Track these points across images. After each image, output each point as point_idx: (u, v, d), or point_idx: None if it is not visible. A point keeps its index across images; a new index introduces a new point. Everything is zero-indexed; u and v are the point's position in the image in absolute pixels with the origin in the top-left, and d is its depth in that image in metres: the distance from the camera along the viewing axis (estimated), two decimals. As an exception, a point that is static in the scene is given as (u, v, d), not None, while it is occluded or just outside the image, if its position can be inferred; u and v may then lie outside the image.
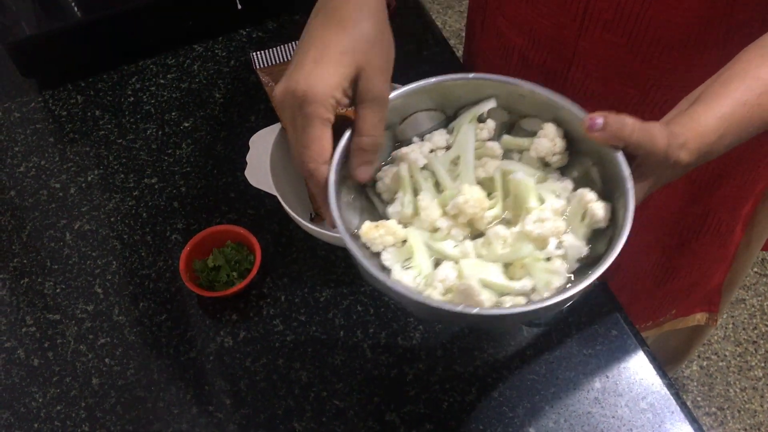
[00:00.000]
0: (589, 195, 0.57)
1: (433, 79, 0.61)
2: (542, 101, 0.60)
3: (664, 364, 1.46)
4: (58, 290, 0.92)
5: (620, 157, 0.55)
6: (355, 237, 0.58)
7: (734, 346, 1.78)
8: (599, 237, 0.58)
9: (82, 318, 0.89)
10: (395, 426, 0.80)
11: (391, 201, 0.61)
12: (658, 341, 1.35)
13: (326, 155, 0.57)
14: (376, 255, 0.58)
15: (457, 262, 0.57)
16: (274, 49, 0.90)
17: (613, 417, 0.79)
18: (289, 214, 0.86)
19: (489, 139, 0.63)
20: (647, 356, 0.83)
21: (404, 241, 0.58)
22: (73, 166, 1.03)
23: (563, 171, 0.61)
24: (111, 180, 1.01)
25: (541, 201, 0.58)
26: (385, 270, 0.57)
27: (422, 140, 0.64)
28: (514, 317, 0.59)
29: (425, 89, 0.61)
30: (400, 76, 0.98)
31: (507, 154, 0.63)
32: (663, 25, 0.73)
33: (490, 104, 0.62)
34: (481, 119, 0.63)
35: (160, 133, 1.05)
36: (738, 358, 1.76)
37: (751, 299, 1.85)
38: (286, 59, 0.90)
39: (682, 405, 0.80)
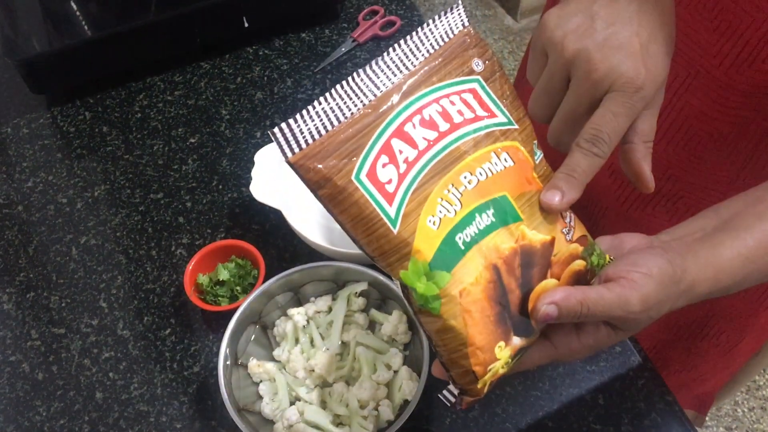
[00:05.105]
0: (404, 372, 0.77)
1: (312, 264, 0.82)
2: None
3: None
4: (63, 304, 0.92)
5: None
6: (241, 412, 0.76)
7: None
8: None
9: (87, 332, 0.89)
10: (398, 442, 0.79)
11: (278, 345, 0.83)
12: None
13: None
14: (257, 384, 0.80)
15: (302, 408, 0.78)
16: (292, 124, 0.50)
17: (618, 434, 0.79)
18: (293, 228, 0.86)
19: (360, 311, 0.83)
20: (652, 373, 0.82)
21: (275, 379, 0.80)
22: (80, 181, 1.04)
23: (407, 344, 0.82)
24: (117, 195, 1.02)
25: (375, 370, 0.78)
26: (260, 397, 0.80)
27: (314, 301, 0.83)
28: None
29: (319, 268, 0.82)
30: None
31: (372, 324, 0.84)
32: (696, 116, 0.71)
33: (363, 286, 0.82)
34: (363, 294, 0.83)
35: (166, 149, 1.06)
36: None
37: (758, 318, 1.84)
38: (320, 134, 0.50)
39: (688, 423, 0.79)
